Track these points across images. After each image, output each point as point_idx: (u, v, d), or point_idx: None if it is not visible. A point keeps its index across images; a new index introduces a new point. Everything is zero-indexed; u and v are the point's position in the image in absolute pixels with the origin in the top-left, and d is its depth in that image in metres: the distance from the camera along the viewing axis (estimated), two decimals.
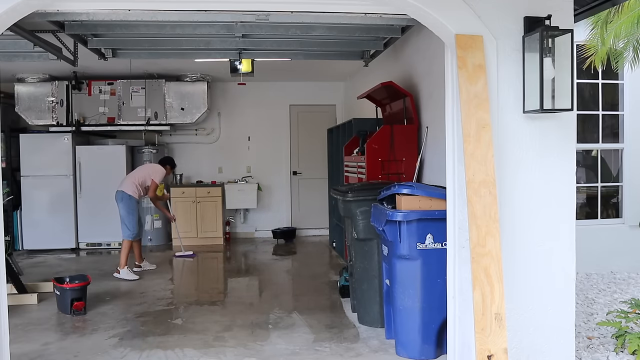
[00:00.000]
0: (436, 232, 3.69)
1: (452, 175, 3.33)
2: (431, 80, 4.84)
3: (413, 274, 3.75)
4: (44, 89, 8.37)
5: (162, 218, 8.73)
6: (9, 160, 8.30)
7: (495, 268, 2.96)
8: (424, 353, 3.81)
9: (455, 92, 3.25)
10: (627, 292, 5.70)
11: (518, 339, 3.26)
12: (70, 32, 4.60)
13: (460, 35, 3.16)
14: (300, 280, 6.57)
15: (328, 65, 7.57)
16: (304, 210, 9.71)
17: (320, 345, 4.15)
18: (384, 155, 5.17)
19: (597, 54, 6.37)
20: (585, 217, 6.85)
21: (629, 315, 4.21)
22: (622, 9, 6.13)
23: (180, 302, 5.50)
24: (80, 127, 8.43)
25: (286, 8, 3.49)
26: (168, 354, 4.02)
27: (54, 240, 8.36)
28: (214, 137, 9.54)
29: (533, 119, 3.27)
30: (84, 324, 4.76)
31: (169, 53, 5.86)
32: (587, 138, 6.95)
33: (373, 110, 6.23)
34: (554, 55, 3.10)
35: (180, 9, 3.55)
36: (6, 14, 3.00)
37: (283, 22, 4.40)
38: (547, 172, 3.29)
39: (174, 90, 8.63)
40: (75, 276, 5.27)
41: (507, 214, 3.21)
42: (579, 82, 6.41)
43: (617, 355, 3.87)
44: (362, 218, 4.37)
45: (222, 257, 8.18)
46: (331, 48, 5.69)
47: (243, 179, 9.41)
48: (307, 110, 9.71)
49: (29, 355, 4.02)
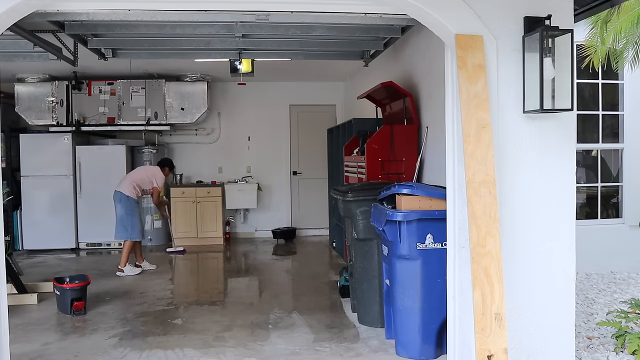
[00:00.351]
0: (436, 232, 3.69)
1: (452, 175, 3.33)
2: (431, 80, 4.84)
3: (413, 274, 3.75)
4: (44, 89, 8.37)
5: (162, 218, 8.73)
6: (9, 160, 8.30)
7: (495, 268, 2.96)
8: (424, 353, 3.81)
9: (455, 92, 3.25)
10: (627, 292, 5.70)
11: (518, 339, 3.26)
12: (70, 32, 4.60)
13: (460, 35, 3.16)
14: (300, 280, 6.57)
15: (328, 65, 7.57)
16: (304, 210, 9.71)
17: (320, 345, 4.15)
18: (384, 155, 5.17)
19: (596, 53, 6.37)
20: (585, 217, 6.85)
21: (629, 315, 4.21)
22: (622, 9, 6.13)
23: (180, 302, 5.50)
24: (80, 127, 8.44)
25: (286, 8, 3.49)
26: (168, 354, 4.02)
27: (54, 240, 8.36)
28: (214, 137, 9.54)
29: (533, 119, 3.27)
30: (84, 324, 4.76)
31: (169, 53, 5.86)
32: (587, 138, 6.95)
33: (373, 110, 6.23)
34: (554, 55, 3.10)
35: (180, 9, 3.55)
36: (6, 14, 3.00)
37: (283, 22, 4.41)
38: (547, 172, 3.29)
39: (174, 90, 8.62)
40: (75, 276, 5.28)
41: (507, 214, 3.21)
42: (579, 82, 6.41)
43: (617, 355, 3.87)
44: (362, 218, 4.37)
45: (222, 257, 8.18)
46: (331, 48, 5.69)
47: (243, 179, 9.41)
48: (307, 110, 9.71)
49: (29, 355, 4.02)
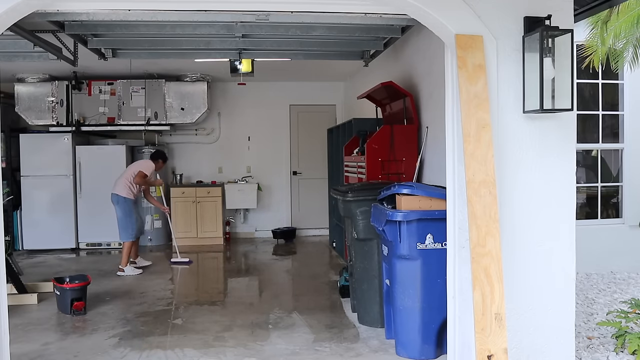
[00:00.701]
0: (436, 232, 3.69)
1: (452, 175, 3.33)
2: (431, 80, 4.84)
3: (413, 274, 3.75)
4: (44, 89, 8.37)
5: (162, 218, 8.73)
6: (9, 160, 8.30)
7: (495, 268, 2.96)
8: (424, 353, 3.81)
9: (455, 92, 3.25)
10: (627, 292, 5.70)
11: (518, 339, 3.26)
12: (70, 32, 4.60)
13: (460, 35, 3.16)
14: (300, 280, 6.57)
15: (328, 65, 7.57)
16: (304, 210, 9.71)
17: (320, 345, 4.15)
18: (384, 155, 5.17)
19: (596, 53, 6.37)
20: (585, 217, 6.85)
21: (629, 315, 4.21)
22: (622, 9, 6.13)
23: (180, 302, 5.50)
24: (80, 127, 8.43)
25: (286, 8, 3.49)
26: (168, 354, 4.02)
27: (54, 240, 8.36)
28: (214, 137, 9.54)
29: (533, 119, 3.27)
30: (84, 324, 4.76)
31: (169, 53, 5.86)
32: (587, 138, 6.95)
33: (373, 110, 6.23)
34: (554, 55, 3.10)
35: (180, 9, 3.55)
36: (6, 14, 3.00)
37: (283, 22, 4.41)
38: (547, 172, 3.29)
39: (174, 90, 8.62)
40: (75, 276, 5.27)
41: (507, 214, 3.21)
42: (579, 82, 6.41)
43: (617, 355, 3.87)
44: (362, 218, 4.37)
45: (222, 257, 8.18)
46: (331, 48, 5.69)
47: (243, 179, 9.41)
48: (307, 110, 9.71)
49: (29, 355, 4.02)
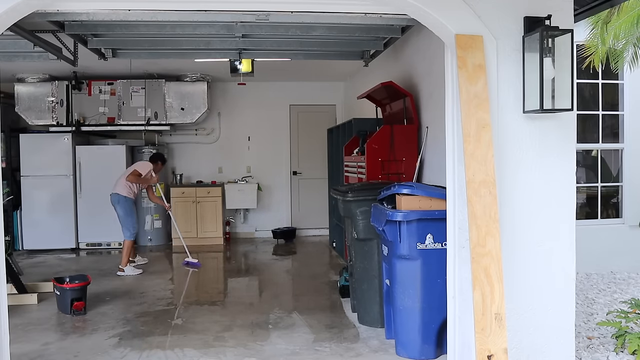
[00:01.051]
0: (436, 232, 3.69)
1: (452, 175, 3.33)
2: (431, 80, 4.84)
3: (413, 274, 3.75)
4: (44, 89, 8.37)
5: (162, 218, 8.74)
6: (9, 160, 8.30)
7: (495, 268, 2.96)
8: (424, 353, 3.81)
9: (455, 92, 3.25)
10: (627, 292, 5.70)
11: (518, 339, 3.26)
12: (70, 32, 4.60)
13: (460, 35, 3.16)
14: (300, 280, 6.57)
15: (328, 65, 7.57)
16: (304, 210, 9.71)
17: (320, 345, 4.15)
18: (384, 155, 5.17)
19: (596, 54, 6.37)
20: (585, 217, 6.85)
21: (629, 315, 4.21)
22: (622, 9, 6.13)
23: (181, 302, 5.50)
24: (80, 127, 8.43)
25: (286, 8, 3.49)
26: (168, 354, 4.02)
27: (54, 240, 8.36)
28: (214, 137, 9.54)
29: (533, 119, 3.27)
30: (84, 324, 4.76)
31: (169, 53, 5.86)
32: (587, 138, 6.95)
33: (373, 110, 6.23)
34: (554, 55, 3.10)
35: (180, 9, 3.55)
36: (6, 14, 3.00)
37: (283, 22, 4.41)
38: (547, 172, 3.29)
39: (174, 90, 8.62)
40: (75, 276, 5.27)
41: (507, 214, 3.21)
42: (579, 82, 6.41)
43: (617, 355, 3.87)
44: (362, 218, 4.37)
45: (222, 257, 8.18)
46: (331, 48, 5.69)
47: (243, 179, 9.41)
48: (307, 110, 9.71)
49: (29, 355, 4.02)
